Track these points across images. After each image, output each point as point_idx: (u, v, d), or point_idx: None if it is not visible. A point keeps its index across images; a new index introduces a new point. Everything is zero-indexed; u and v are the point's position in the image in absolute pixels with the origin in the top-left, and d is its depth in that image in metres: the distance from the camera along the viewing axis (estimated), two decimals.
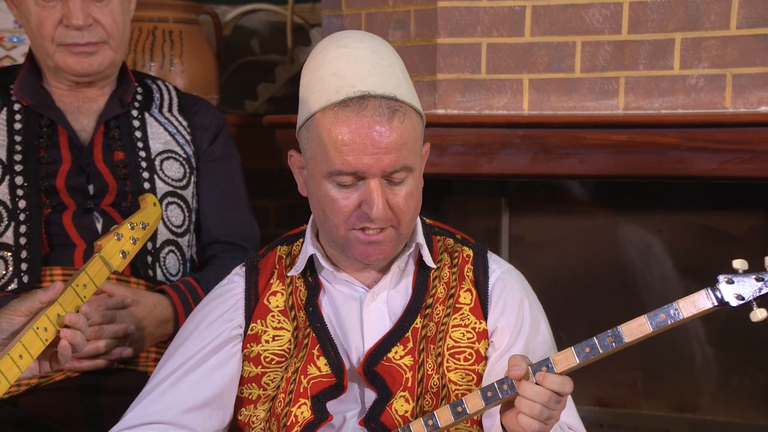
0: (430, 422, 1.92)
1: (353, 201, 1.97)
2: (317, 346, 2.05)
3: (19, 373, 1.91)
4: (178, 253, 2.58)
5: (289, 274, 2.10)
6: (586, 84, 2.88)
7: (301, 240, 2.11)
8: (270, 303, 2.10)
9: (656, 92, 2.82)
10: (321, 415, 2.01)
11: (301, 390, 2.03)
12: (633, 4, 2.81)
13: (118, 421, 2.08)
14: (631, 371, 3.12)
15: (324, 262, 2.07)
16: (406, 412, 2.01)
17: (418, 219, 2.09)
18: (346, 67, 1.98)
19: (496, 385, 1.88)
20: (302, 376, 2.03)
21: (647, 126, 2.79)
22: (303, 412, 2.02)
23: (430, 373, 2.03)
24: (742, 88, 2.75)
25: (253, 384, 2.07)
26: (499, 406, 1.91)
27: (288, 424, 2.01)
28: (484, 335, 2.06)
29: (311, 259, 2.09)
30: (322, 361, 2.04)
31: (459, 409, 1.90)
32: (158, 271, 2.54)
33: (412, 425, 1.93)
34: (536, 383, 1.85)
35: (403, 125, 1.96)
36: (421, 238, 2.07)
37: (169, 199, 2.58)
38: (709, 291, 1.87)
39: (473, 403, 1.90)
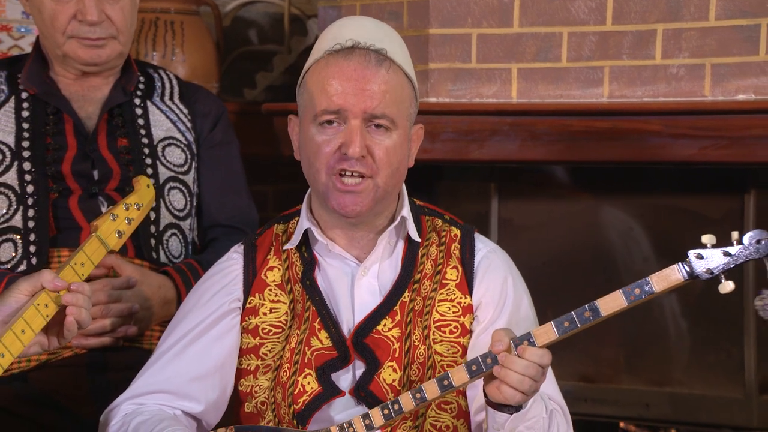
0: (418, 395, 1.95)
1: (334, 144, 2.02)
2: (318, 320, 2.08)
3: (21, 347, 1.92)
4: (180, 236, 2.61)
5: (285, 248, 2.13)
6: (572, 73, 2.91)
7: (297, 218, 2.15)
8: (267, 278, 2.13)
9: (639, 81, 2.85)
10: (332, 389, 2.05)
11: (306, 361, 2.07)
12: None
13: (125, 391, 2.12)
14: (614, 348, 3.13)
15: (318, 236, 2.10)
16: (394, 381, 2.05)
17: (407, 198, 2.13)
18: (346, 30, 2.08)
19: (480, 359, 1.92)
20: (306, 348, 2.07)
21: (630, 114, 2.82)
22: (309, 382, 2.05)
23: (416, 344, 2.07)
24: (721, 77, 2.78)
25: (252, 355, 2.11)
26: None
27: (295, 393, 2.05)
28: (469, 310, 2.09)
29: (306, 236, 2.13)
30: (323, 334, 2.08)
31: (445, 382, 1.94)
32: (161, 253, 2.56)
33: (400, 398, 1.95)
34: (518, 356, 1.88)
35: (388, 75, 2.03)
36: (407, 212, 2.11)
37: (171, 184, 2.60)
38: (680, 265, 1.90)
39: (459, 376, 1.93)
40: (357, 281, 2.10)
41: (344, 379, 2.07)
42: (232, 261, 2.17)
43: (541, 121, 2.89)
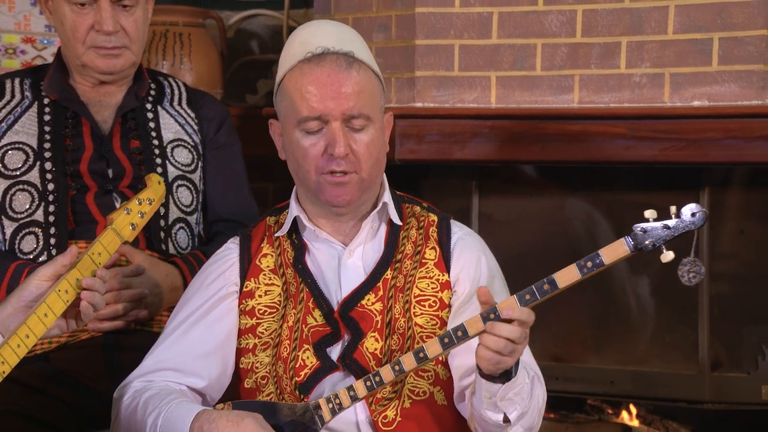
0: (397, 367, 1.99)
1: (320, 147, 2.06)
2: (311, 300, 2.13)
3: (44, 329, 1.96)
4: (187, 230, 2.63)
5: (276, 235, 2.18)
6: (546, 81, 2.94)
7: (287, 210, 2.20)
8: (261, 264, 2.18)
9: (606, 88, 2.88)
10: (329, 364, 2.09)
11: (304, 337, 2.11)
12: (586, 12, 2.89)
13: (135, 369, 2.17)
14: (582, 330, 3.15)
15: (306, 222, 2.15)
16: (376, 350, 2.09)
17: (387, 187, 2.18)
18: (313, 37, 2.10)
19: (451, 332, 1.96)
20: (303, 326, 2.11)
21: (598, 118, 2.86)
22: (308, 357, 2.10)
23: (397, 317, 2.11)
24: (678, 85, 2.82)
25: (249, 334, 2.15)
26: (474, 350, 1.96)
27: (297, 366, 2.09)
28: (446, 286, 2.13)
29: (295, 224, 2.17)
30: (317, 313, 2.12)
31: (421, 354, 1.98)
32: (170, 245, 2.58)
33: (381, 370, 2.00)
34: (504, 319, 1.89)
35: (359, 75, 2.06)
36: (388, 198, 2.16)
37: (180, 182, 2.62)
38: (627, 239, 1.92)
39: (433, 348, 1.97)
40: (343, 263, 2.14)
41: (336, 351, 2.11)
42: (229, 250, 2.21)
43: (517, 125, 2.93)
